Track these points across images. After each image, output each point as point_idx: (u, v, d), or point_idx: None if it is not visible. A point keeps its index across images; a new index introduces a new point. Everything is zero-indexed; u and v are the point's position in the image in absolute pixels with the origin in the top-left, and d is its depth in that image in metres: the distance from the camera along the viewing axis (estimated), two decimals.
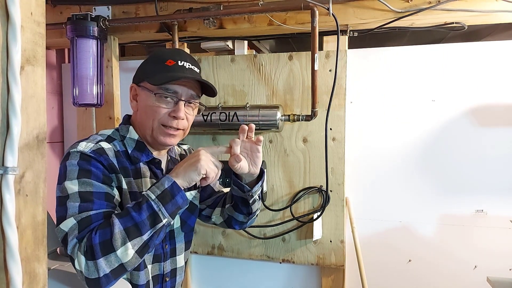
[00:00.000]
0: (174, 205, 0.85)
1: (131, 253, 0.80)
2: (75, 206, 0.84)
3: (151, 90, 0.97)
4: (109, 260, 0.78)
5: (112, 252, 0.78)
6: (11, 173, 0.47)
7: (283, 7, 1.58)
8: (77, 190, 0.86)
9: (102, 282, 0.78)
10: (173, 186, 0.86)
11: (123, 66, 2.03)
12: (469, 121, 1.68)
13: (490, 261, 1.68)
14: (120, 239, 0.79)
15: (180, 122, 0.99)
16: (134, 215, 0.81)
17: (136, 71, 1.05)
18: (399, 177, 1.76)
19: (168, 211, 0.84)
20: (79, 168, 0.88)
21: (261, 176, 1.05)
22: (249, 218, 1.13)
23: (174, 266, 1.08)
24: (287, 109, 1.78)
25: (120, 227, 0.80)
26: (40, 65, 0.52)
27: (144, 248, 0.82)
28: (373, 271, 1.77)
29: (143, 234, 0.81)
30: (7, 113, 0.47)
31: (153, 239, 0.83)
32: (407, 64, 1.73)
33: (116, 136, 1.02)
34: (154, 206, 0.83)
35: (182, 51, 1.06)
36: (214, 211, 1.18)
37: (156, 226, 0.83)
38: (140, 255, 0.82)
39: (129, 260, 0.80)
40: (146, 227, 0.81)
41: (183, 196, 0.87)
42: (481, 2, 1.52)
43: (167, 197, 0.84)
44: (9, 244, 0.47)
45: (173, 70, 0.97)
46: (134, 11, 1.83)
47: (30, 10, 0.50)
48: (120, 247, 0.78)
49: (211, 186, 1.21)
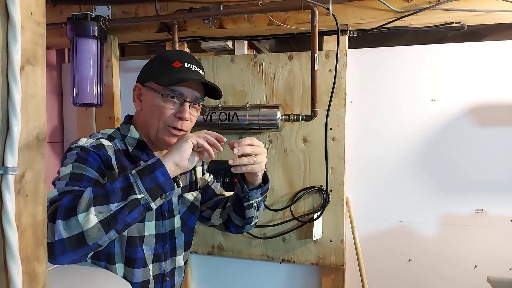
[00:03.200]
0: (153, 181, 0.80)
1: (94, 220, 0.74)
2: (63, 183, 0.85)
3: (158, 91, 0.98)
4: (69, 224, 0.73)
5: (73, 215, 0.74)
6: (11, 173, 0.47)
7: (283, 7, 1.58)
8: (69, 172, 0.87)
9: (56, 248, 0.73)
10: (156, 162, 0.82)
11: (123, 66, 2.03)
12: (469, 121, 1.68)
13: (490, 261, 1.68)
14: (85, 204, 0.75)
15: (184, 123, 1.00)
16: (107, 185, 0.78)
17: (141, 71, 1.06)
18: (399, 176, 1.76)
19: (145, 186, 0.79)
20: (77, 157, 0.90)
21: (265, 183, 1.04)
22: (244, 223, 1.11)
23: (174, 265, 1.09)
24: (287, 109, 1.78)
25: (90, 194, 0.76)
26: (40, 65, 0.52)
27: (111, 220, 0.76)
28: (373, 271, 1.77)
29: (111, 202, 0.76)
30: (7, 113, 0.47)
31: (123, 213, 0.77)
32: (407, 64, 1.73)
33: (117, 135, 1.03)
34: (131, 178, 0.79)
35: (187, 53, 1.08)
36: (214, 213, 1.18)
37: (128, 199, 0.78)
38: (106, 228, 0.76)
39: (90, 230, 0.74)
40: (116, 196, 0.77)
41: (164, 173, 0.81)
42: (481, 2, 1.51)
43: (146, 171, 0.80)
44: (9, 244, 0.47)
45: (180, 72, 0.99)
46: (134, 11, 1.83)
47: (30, 10, 0.50)
48: (82, 212, 0.74)
49: (213, 188, 1.22)
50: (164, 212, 1.05)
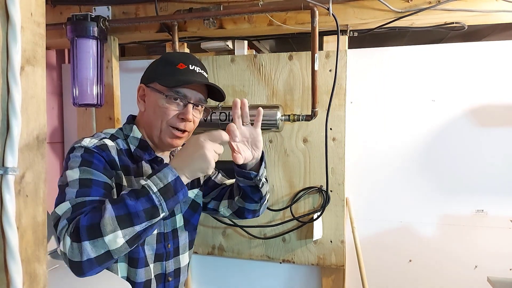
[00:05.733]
0: (175, 201, 0.83)
1: (121, 242, 0.77)
2: (73, 192, 0.85)
3: (162, 92, 0.99)
4: (95, 245, 0.75)
5: (99, 237, 0.75)
6: (11, 173, 0.47)
7: (283, 7, 1.57)
8: (77, 178, 0.87)
9: (84, 266, 0.76)
10: (177, 182, 0.83)
11: (123, 66, 2.03)
12: (469, 121, 1.67)
13: (490, 261, 1.67)
14: (109, 225, 0.76)
15: (187, 124, 1.01)
16: (130, 204, 0.78)
17: (145, 72, 1.07)
18: (399, 177, 1.76)
19: (168, 207, 0.82)
20: (82, 159, 0.90)
21: (262, 157, 1.05)
22: (261, 204, 1.13)
23: (178, 265, 1.09)
24: (287, 109, 1.78)
25: (112, 213, 0.77)
26: (40, 65, 0.52)
27: (136, 239, 0.80)
28: (373, 271, 1.77)
29: (135, 225, 0.78)
30: (7, 113, 0.47)
31: (147, 231, 0.81)
32: (407, 64, 1.73)
33: (119, 135, 1.04)
34: (155, 200, 0.80)
35: (191, 55, 1.09)
36: (221, 203, 1.19)
37: (153, 220, 0.80)
38: (130, 245, 0.80)
39: (117, 248, 0.77)
40: (141, 219, 0.78)
41: (185, 193, 0.84)
42: (481, 2, 1.51)
43: (170, 193, 0.82)
44: (10, 244, 0.47)
45: (185, 74, 1.00)
46: (134, 11, 1.83)
47: (30, 10, 0.50)
48: (108, 234, 0.76)
49: (213, 180, 1.22)
50: None
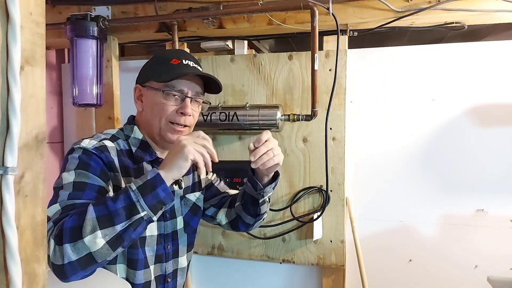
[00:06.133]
0: (155, 198, 0.81)
1: (101, 242, 0.76)
2: (65, 194, 0.85)
3: (158, 88, 0.99)
4: (76, 247, 0.75)
5: (80, 239, 0.75)
6: (10, 173, 0.46)
7: (283, 7, 1.57)
8: (72, 180, 0.87)
9: (66, 269, 0.75)
10: (156, 178, 0.82)
11: (122, 66, 2.03)
12: (469, 121, 1.67)
13: (490, 261, 1.67)
14: (90, 226, 0.75)
15: (187, 119, 1.01)
16: (109, 204, 0.78)
17: (140, 72, 1.07)
18: (399, 176, 1.76)
19: (147, 204, 0.80)
20: (79, 161, 0.90)
21: (275, 178, 1.06)
22: (255, 220, 1.12)
23: (176, 267, 1.08)
24: (287, 109, 1.78)
25: (93, 214, 0.77)
26: (40, 65, 0.52)
27: (118, 240, 0.78)
28: (373, 271, 1.76)
29: (116, 224, 0.77)
30: (7, 113, 0.47)
31: (128, 232, 0.79)
32: (407, 64, 1.73)
33: (120, 136, 1.03)
34: (133, 196, 0.79)
35: (184, 51, 1.10)
36: (220, 212, 1.18)
37: (132, 218, 0.79)
38: (113, 247, 0.78)
39: (98, 250, 0.76)
40: (121, 217, 0.78)
41: (165, 189, 0.82)
42: (481, 1, 1.51)
43: (148, 189, 0.80)
44: (9, 244, 0.47)
45: (179, 68, 1.00)
46: (133, 11, 1.83)
47: (30, 10, 0.50)
48: (88, 235, 0.75)
49: (216, 186, 1.22)
50: (166, 213, 1.05)
